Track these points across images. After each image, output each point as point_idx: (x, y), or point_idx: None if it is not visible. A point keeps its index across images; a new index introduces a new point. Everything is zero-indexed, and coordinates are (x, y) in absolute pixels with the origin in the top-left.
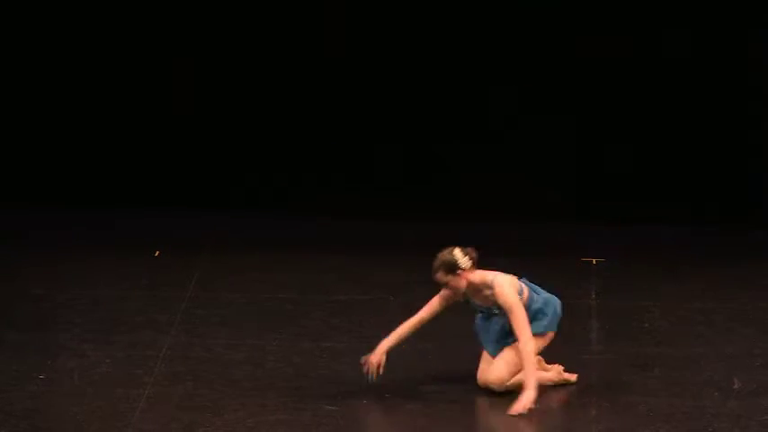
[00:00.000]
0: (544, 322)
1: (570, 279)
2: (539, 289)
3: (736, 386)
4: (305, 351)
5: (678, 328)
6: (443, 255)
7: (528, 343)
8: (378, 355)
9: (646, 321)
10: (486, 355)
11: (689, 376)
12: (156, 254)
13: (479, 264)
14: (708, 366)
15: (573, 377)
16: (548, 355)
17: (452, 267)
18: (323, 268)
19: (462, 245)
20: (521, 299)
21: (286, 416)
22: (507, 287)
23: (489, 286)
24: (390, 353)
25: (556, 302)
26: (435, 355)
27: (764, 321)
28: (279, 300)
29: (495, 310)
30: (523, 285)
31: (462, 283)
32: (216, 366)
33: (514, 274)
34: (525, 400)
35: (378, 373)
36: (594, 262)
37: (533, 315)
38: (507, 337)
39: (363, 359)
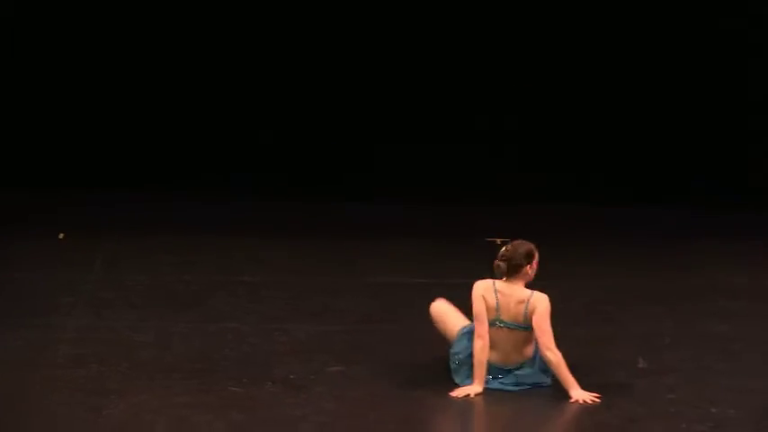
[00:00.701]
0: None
1: (475, 258)
2: None
3: (641, 365)
4: (210, 333)
5: (589, 308)
6: (520, 246)
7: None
8: (581, 395)
9: (557, 301)
10: None
11: (597, 355)
12: (61, 236)
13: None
14: (617, 345)
15: None
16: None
17: (531, 256)
18: (229, 250)
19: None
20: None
21: (191, 398)
22: (545, 312)
23: (524, 302)
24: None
25: None
26: (341, 338)
27: (672, 301)
28: (184, 282)
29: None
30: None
31: (531, 273)
32: (121, 349)
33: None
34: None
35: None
36: (499, 242)
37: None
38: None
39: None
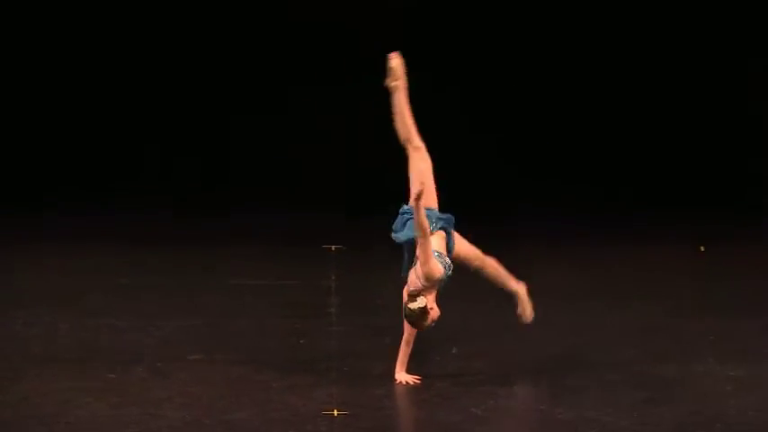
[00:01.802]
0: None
1: (312, 263)
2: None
3: (454, 351)
4: (89, 327)
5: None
6: (413, 311)
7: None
8: (404, 377)
9: (379, 297)
10: None
11: (416, 343)
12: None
13: None
14: (432, 334)
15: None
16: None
17: (424, 313)
18: (108, 256)
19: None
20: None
21: (74, 383)
22: (435, 269)
23: (428, 280)
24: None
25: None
26: (202, 330)
27: (475, 296)
28: (70, 282)
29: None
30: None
31: (436, 311)
32: (13, 342)
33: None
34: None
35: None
36: (333, 248)
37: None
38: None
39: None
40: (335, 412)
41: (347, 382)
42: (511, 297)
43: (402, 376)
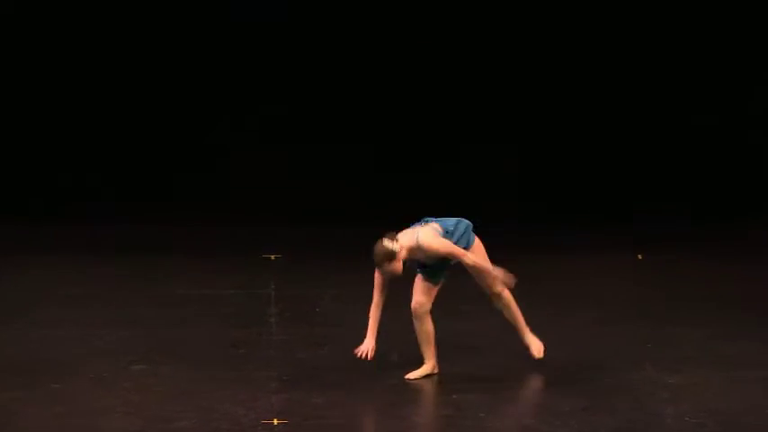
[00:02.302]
0: (462, 242)
1: (252, 272)
2: (444, 220)
3: (395, 358)
4: (34, 339)
5: (345, 310)
6: (379, 249)
7: (472, 258)
8: (370, 344)
9: (318, 306)
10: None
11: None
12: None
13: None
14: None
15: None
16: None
17: (391, 256)
18: (54, 267)
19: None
20: (447, 237)
21: (20, 394)
22: (435, 241)
23: (420, 248)
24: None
25: (465, 223)
26: (145, 341)
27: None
28: (16, 293)
29: (433, 263)
30: (437, 227)
31: (399, 266)
32: None
33: (419, 221)
34: (502, 275)
35: (372, 355)
36: (273, 257)
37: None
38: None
39: (357, 351)
40: (275, 422)
41: (287, 392)
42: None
43: (367, 345)
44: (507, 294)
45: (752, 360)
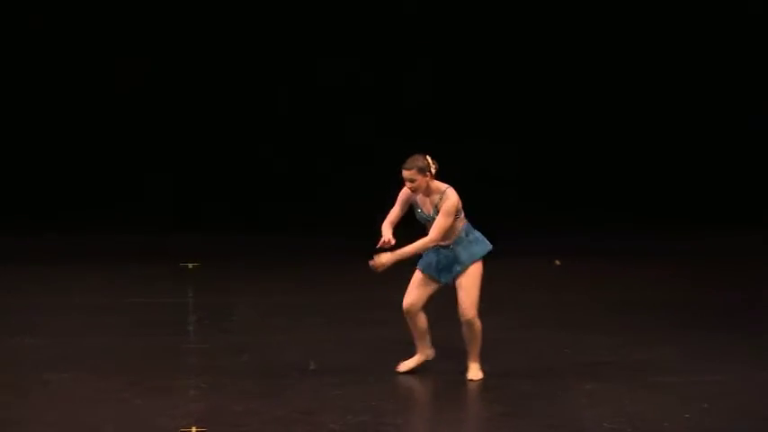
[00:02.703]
0: (479, 249)
1: (170, 281)
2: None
3: (311, 367)
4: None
5: (263, 318)
6: (418, 157)
7: (430, 242)
8: (387, 234)
9: (236, 315)
10: (417, 281)
11: (273, 359)
12: None
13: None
14: (288, 351)
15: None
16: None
17: (423, 169)
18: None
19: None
20: (458, 217)
21: None
22: (454, 199)
23: (441, 192)
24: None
25: (486, 241)
26: (65, 350)
27: (328, 312)
28: None
29: (433, 216)
30: (463, 214)
31: (424, 184)
32: None
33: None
34: (384, 259)
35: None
36: (191, 266)
37: (474, 241)
38: (453, 265)
39: (380, 242)
40: (194, 429)
41: (206, 400)
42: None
43: (386, 235)
44: (478, 325)
45: (666, 366)
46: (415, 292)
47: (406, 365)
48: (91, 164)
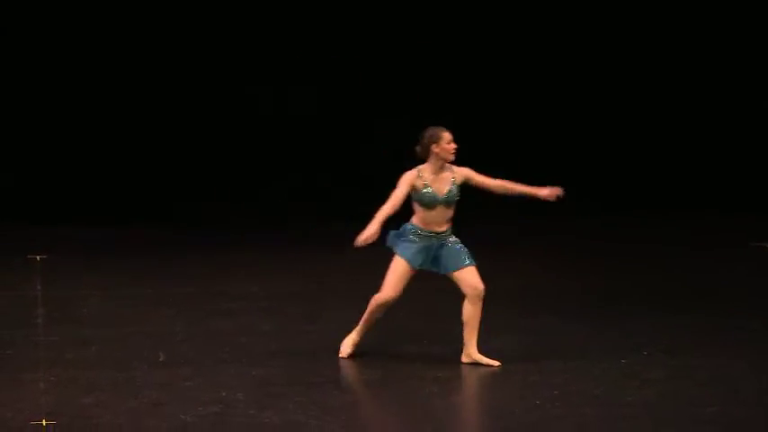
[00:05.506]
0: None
1: (18, 273)
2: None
3: (161, 359)
4: None
5: (112, 311)
6: (434, 128)
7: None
8: (373, 228)
9: (85, 307)
10: (403, 275)
11: (123, 351)
12: None
13: None
14: (138, 343)
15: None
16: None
17: (437, 138)
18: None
19: None
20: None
21: None
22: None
23: (450, 168)
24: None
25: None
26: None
27: (178, 304)
28: None
29: (447, 193)
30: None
31: (436, 150)
32: None
33: None
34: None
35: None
36: (39, 258)
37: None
38: (443, 248)
39: (359, 238)
40: (44, 422)
41: (55, 393)
42: None
43: (369, 230)
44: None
45: (515, 354)
46: (400, 285)
47: (348, 346)
48: None
